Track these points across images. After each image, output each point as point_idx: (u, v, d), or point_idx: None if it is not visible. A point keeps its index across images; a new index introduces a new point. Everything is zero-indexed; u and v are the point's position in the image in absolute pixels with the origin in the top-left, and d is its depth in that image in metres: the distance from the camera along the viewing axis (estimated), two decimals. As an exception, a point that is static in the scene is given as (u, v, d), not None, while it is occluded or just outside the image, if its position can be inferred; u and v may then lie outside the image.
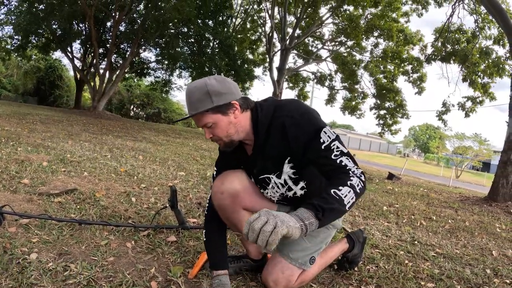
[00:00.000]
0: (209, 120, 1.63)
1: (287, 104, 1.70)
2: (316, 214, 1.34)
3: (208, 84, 1.60)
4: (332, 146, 1.58)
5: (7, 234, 2.09)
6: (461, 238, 3.70)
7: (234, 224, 1.91)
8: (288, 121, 1.63)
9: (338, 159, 1.56)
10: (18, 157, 4.20)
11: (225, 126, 1.65)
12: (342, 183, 1.46)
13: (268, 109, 1.70)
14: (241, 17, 24.19)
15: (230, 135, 1.68)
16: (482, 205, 6.57)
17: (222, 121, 1.64)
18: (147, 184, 3.97)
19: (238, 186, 1.83)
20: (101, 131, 9.76)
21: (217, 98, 1.59)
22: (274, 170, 1.77)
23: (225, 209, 1.85)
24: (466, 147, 34.39)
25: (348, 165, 1.55)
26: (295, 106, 1.68)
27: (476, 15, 13.71)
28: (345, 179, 1.48)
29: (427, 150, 65.95)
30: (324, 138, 1.59)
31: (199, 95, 1.59)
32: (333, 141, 1.59)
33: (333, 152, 1.57)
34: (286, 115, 1.65)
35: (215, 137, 1.68)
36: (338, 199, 1.40)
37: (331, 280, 2.15)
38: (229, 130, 1.66)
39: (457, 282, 2.37)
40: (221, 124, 1.64)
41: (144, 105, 30.87)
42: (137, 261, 2.05)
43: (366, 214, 4.15)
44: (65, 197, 2.96)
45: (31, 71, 27.98)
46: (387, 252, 2.78)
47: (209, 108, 1.59)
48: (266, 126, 1.68)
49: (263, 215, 1.25)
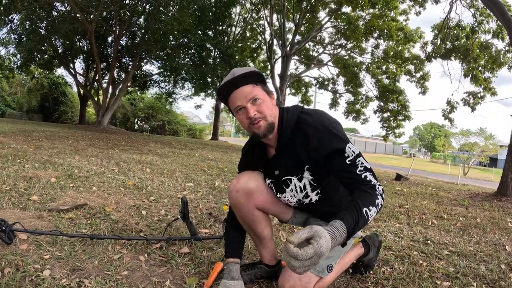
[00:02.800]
0: (259, 94, 1.66)
1: (312, 114, 1.72)
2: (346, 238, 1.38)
3: (261, 73, 1.71)
4: (357, 161, 1.59)
5: (18, 251, 2.07)
6: (474, 235, 3.67)
7: (248, 223, 1.96)
8: (312, 131, 1.65)
9: (363, 174, 1.58)
10: (26, 174, 4.20)
11: (271, 107, 1.70)
12: (372, 202, 1.49)
13: (294, 114, 1.73)
14: (240, 26, 24.30)
15: (273, 115, 1.69)
16: (492, 201, 6.51)
17: (268, 101, 1.69)
18: (157, 196, 3.95)
19: (252, 185, 1.87)
20: (107, 146, 9.77)
21: (265, 84, 1.71)
22: (296, 173, 1.78)
23: (240, 207, 1.90)
24: (472, 143, 34.17)
25: (372, 180, 1.57)
26: (320, 117, 1.69)
27: (473, 10, 13.71)
28: (374, 198, 1.50)
29: (433, 149, 65.71)
30: (349, 153, 1.60)
31: (253, 72, 1.66)
32: (357, 156, 1.60)
33: (358, 167, 1.59)
34: (310, 124, 1.67)
35: (258, 115, 1.65)
36: (366, 219, 1.45)
37: (347, 284, 2.13)
38: (273, 110, 1.69)
39: (472, 279, 2.34)
40: (268, 103, 1.68)
41: (148, 118, 30.97)
42: (151, 274, 2.02)
43: (377, 216, 4.11)
44: (75, 213, 2.94)
45: (35, 89, 28.18)
46: (400, 253, 2.76)
47: (261, 83, 1.68)
48: (290, 130, 1.71)
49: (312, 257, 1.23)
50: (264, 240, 2.02)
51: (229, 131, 63.13)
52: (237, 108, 1.68)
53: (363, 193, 1.52)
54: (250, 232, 2.02)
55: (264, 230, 1.99)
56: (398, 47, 20.58)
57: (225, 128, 64.23)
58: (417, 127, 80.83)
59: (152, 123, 31.11)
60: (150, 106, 30.63)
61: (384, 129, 22.60)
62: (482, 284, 2.29)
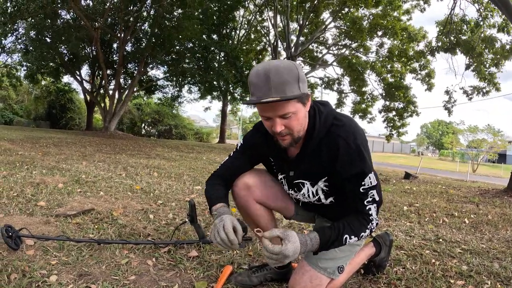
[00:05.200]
0: (291, 110, 1.44)
1: (345, 124, 1.58)
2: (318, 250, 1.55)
3: (295, 67, 1.43)
4: (369, 193, 1.60)
5: (25, 257, 2.05)
6: (486, 232, 3.61)
7: (252, 218, 1.94)
8: (344, 147, 1.55)
9: (368, 206, 1.61)
10: (33, 180, 4.20)
11: (302, 119, 1.51)
12: (357, 232, 1.59)
13: (327, 119, 1.59)
14: (244, 28, 24.31)
15: (303, 129, 1.55)
16: (502, 197, 6.41)
17: (302, 112, 1.49)
18: (164, 200, 3.93)
19: (250, 180, 1.85)
20: (114, 151, 9.80)
21: (303, 85, 1.44)
22: (312, 179, 1.74)
23: (242, 202, 1.89)
24: (480, 140, 33.94)
25: (372, 214, 1.62)
26: (353, 131, 1.57)
27: (478, 4, 13.61)
28: (360, 230, 1.60)
29: (441, 147, 65.16)
30: (366, 182, 1.59)
31: (289, 77, 1.40)
32: (372, 188, 1.60)
33: (367, 198, 1.60)
34: (344, 138, 1.56)
35: (286, 130, 1.49)
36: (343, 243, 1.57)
37: (359, 286, 2.10)
38: (304, 123, 1.54)
39: (486, 277, 2.30)
40: (300, 115, 1.48)
41: (155, 122, 31.09)
42: (160, 278, 1.99)
43: (387, 216, 4.06)
44: (82, 218, 2.92)
45: (42, 96, 28.43)
46: (412, 252, 2.71)
47: (297, 96, 1.41)
48: (320, 137, 1.60)
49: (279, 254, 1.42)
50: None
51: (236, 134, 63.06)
52: (264, 116, 1.51)
53: (355, 221, 1.60)
54: (253, 225, 1.96)
55: (268, 226, 1.94)
56: (403, 45, 20.50)
57: (232, 131, 64.28)
58: (425, 125, 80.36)
59: (159, 127, 31.23)
60: (157, 111, 30.76)
61: (388, 129, 22.52)
62: (496, 282, 2.24)
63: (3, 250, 2.13)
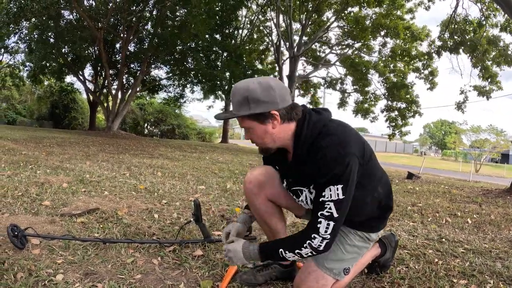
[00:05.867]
0: (245, 125, 1.64)
1: (332, 134, 1.59)
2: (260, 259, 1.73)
3: (250, 90, 1.56)
4: (326, 205, 1.54)
5: (31, 256, 2.06)
6: (488, 232, 3.61)
7: (262, 215, 1.97)
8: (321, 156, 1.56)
9: (320, 219, 1.55)
10: (37, 180, 4.21)
11: (261, 134, 1.64)
12: (292, 248, 1.61)
13: (315, 127, 1.62)
14: (247, 28, 24.31)
15: (265, 143, 1.67)
16: (505, 197, 6.38)
17: (259, 128, 1.62)
18: (168, 199, 3.94)
19: (263, 178, 1.89)
20: (117, 151, 9.81)
21: (255, 105, 1.56)
22: (304, 185, 1.77)
23: (253, 198, 1.93)
24: (483, 139, 33.85)
25: (320, 231, 1.55)
26: (339, 142, 1.57)
27: (480, 4, 13.58)
28: (296, 247, 1.61)
29: (444, 147, 65.03)
30: (327, 193, 1.54)
31: (239, 98, 1.58)
32: (331, 202, 1.53)
33: (322, 210, 1.55)
34: (324, 147, 1.56)
35: (252, 141, 1.70)
36: (281, 257, 1.65)
37: (363, 285, 2.10)
38: (265, 139, 1.65)
39: (489, 276, 2.30)
40: (257, 131, 1.63)
41: (158, 122, 31.13)
42: (165, 277, 2.00)
43: (390, 215, 4.04)
44: (87, 217, 2.93)
45: (45, 96, 28.54)
46: (415, 252, 2.72)
47: (245, 115, 1.58)
48: (307, 145, 1.62)
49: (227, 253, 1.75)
50: (278, 235, 1.99)
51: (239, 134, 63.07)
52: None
53: (298, 236, 1.67)
54: (264, 226, 2.02)
55: (278, 224, 1.98)
56: (406, 45, 20.46)
57: (234, 131, 64.28)
58: (427, 125, 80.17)
59: (162, 127, 31.27)
60: (160, 111, 30.80)
61: (391, 128, 22.50)
62: (499, 281, 2.25)
63: (9, 249, 2.13)
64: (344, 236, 1.78)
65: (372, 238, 1.88)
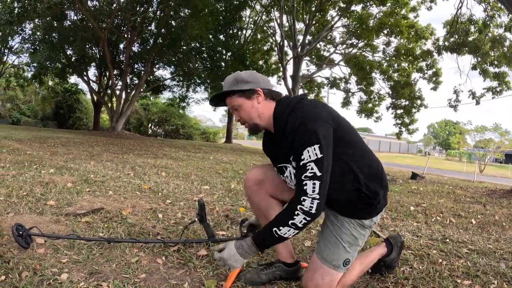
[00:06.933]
0: (235, 103, 1.85)
1: (305, 107, 1.74)
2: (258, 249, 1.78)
3: (238, 74, 1.86)
4: (308, 166, 1.61)
5: (36, 255, 2.07)
6: (492, 232, 3.60)
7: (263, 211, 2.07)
8: (291, 126, 1.70)
9: (305, 181, 1.62)
10: (42, 180, 4.22)
11: (248, 109, 1.84)
12: (284, 222, 1.66)
13: (288, 107, 1.79)
14: (251, 28, 24.30)
15: (253, 118, 1.86)
16: (509, 198, 6.35)
17: (246, 104, 1.84)
18: (173, 199, 3.94)
19: (261, 175, 2.06)
20: (121, 151, 9.83)
21: (242, 84, 1.83)
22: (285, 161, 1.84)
23: (254, 195, 2.08)
24: (487, 139, 33.70)
25: (308, 192, 1.61)
26: (308, 112, 1.70)
27: (484, 4, 13.51)
28: (288, 218, 1.65)
29: (448, 147, 64.76)
30: (305, 155, 1.62)
31: (230, 81, 1.86)
32: (312, 162, 1.61)
33: (306, 171, 1.62)
34: (294, 118, 1.70)
35: (241, 120, 1.88)
36: (277, 237, 1.68)
37: (367, 284, 2.11)
38: (251, 114, 1.85)
39: (493, 277, 2.30)
40: (244, 107, 1.84)
41: (162, 122, 31.18)
42: (169, 276, 2.00)
43: (394, 216, 4.05)
44: (92, 217, 2.94)
45: (49, 96, 28.65)
46: (419, 252, 2.72)
47: (235, 90, 1.83)
48: (282, 123, 1.77)
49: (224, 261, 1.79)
50: None
51: (243, 134, 63.03)
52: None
53: (285, 210, 1.73)
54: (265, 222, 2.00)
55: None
56: (410, 44, 20.41)
57: (238, 131, 64.23)
58: (431, 125, 79.82)
59: (166, 127, 31.31)
60: (164, 111, 30.84)
61: (398, 126, 22.45)
62: (503, 282, 2.25)
63: (14, 248, 2.14)
64: (339, 225, 1.85)
65: (366, 224, 1.89)
